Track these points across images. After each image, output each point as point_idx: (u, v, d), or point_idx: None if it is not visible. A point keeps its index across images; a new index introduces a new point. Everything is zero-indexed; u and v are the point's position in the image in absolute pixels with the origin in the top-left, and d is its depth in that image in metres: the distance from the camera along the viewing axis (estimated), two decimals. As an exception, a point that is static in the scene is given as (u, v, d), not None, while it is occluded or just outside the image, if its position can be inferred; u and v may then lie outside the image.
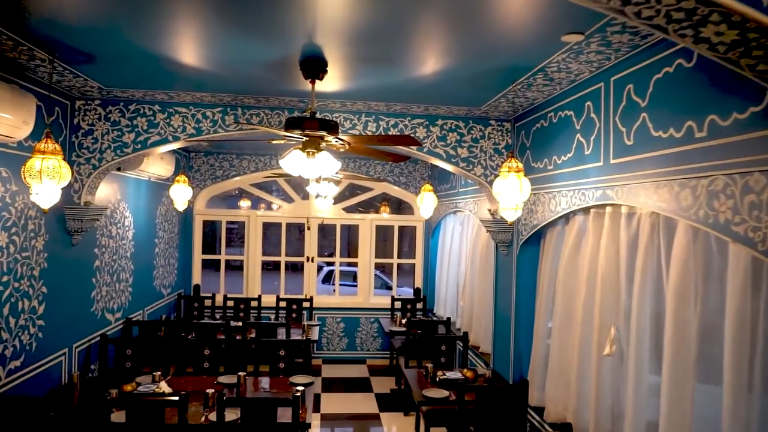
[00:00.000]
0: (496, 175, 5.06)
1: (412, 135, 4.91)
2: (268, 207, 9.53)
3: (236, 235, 21.42)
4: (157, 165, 6.25)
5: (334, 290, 14.37)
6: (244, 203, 11.11)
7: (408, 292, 12.94)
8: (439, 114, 4.92)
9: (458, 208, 7.04)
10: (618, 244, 3.39)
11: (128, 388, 4.25)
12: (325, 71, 3.42)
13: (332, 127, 3.30)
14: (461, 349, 5.92)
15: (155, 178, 6.75)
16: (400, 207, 13.27)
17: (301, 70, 3.42)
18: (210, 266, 9.04)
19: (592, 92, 3.54)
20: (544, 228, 4.48)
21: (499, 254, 5.34)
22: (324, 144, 3.42)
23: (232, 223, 16.33)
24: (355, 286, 15.94)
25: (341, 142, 3.25)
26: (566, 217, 4.15)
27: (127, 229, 5.94)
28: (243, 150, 8.03)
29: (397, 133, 4.85)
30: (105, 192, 5.34)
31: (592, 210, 3.72)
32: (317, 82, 3.49)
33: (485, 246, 6.00)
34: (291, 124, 3.24)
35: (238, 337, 6.35)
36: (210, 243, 12.60)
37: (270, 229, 8.85)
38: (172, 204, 6.73)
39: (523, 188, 3.50)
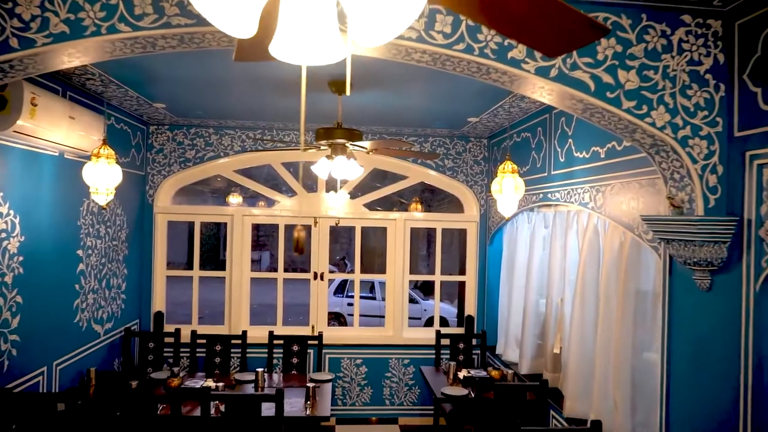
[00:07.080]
0: (694, 126, 2.51)
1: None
2: (270, 203, 6.99)
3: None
4: (62, 128, 3.75)
5: (351, 305, 11.84)
6: (234, 199, 8.61)
7: (450, 312, 10.32)
8: (584, -3, 2.37)
9: (550, 201, 4.48)
10: None
11: None
12: None
13: None
14: (584, 448, 3.35)
15: (72, 154, 4.25)
16: (430, 204, 10.71)
17: None
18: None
19: None
20: None
21: (675, 285, 2.77)
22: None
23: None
24: (373, 298, 13.36)
25: None
26: None
27: (1, 237, 3.45)
28: (224, 119, 5.52)
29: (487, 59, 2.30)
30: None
31: None
32: None
33: (620, 266, 3.44)
34: None
35: (195, 414, 3.84)
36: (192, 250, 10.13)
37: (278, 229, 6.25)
38: (106, 194, 4.19)
39: None
